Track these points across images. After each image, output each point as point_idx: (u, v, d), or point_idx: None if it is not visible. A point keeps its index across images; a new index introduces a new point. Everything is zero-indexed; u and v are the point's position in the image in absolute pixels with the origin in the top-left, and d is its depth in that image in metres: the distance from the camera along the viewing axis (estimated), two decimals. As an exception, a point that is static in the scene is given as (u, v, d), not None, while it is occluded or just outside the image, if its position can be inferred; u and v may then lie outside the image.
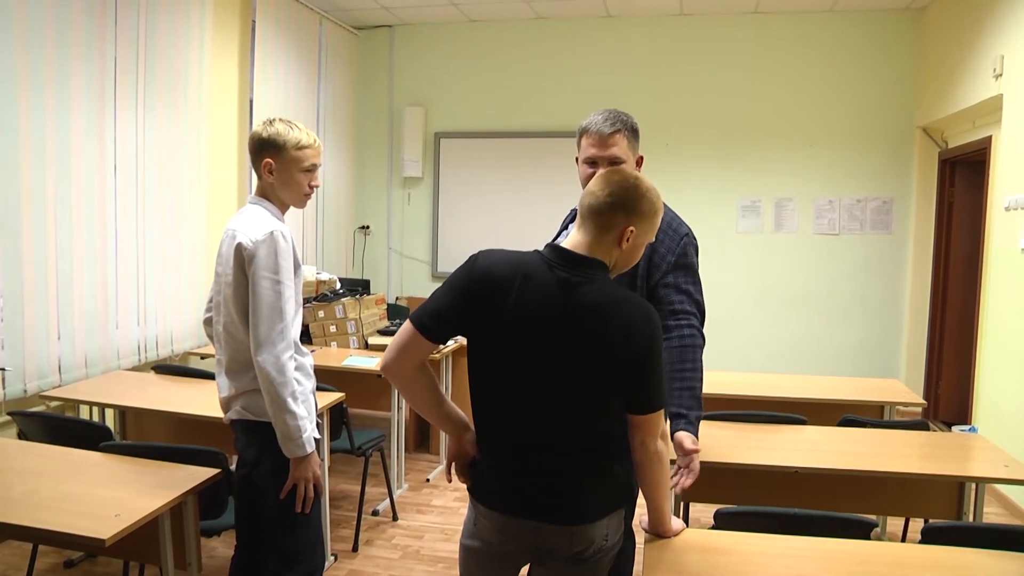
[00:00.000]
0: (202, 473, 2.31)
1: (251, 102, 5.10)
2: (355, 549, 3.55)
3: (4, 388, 3.23)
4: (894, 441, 2.85)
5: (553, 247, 1.63)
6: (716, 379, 3.86)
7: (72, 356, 3.60)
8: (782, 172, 5.99)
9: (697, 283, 2.24)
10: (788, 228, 6.04)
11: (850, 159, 5.90)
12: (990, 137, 4.71)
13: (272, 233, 2.14)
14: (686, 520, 2.94)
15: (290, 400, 2.11)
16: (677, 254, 2.22)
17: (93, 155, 3.70)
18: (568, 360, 1.57)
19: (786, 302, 6.06)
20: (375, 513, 3.98)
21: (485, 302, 1.59)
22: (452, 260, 6.38)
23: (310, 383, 2.28)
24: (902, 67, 5.77)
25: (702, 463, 2.11)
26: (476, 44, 6.43)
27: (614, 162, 2.24)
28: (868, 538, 2.07)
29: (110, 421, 3.50)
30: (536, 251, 1.65)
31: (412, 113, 6.55)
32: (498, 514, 1.67)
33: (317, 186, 2.32)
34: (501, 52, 6.38)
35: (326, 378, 3.63)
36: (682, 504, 2.89)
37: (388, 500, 4.01)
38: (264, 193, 2.27)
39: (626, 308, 1.58)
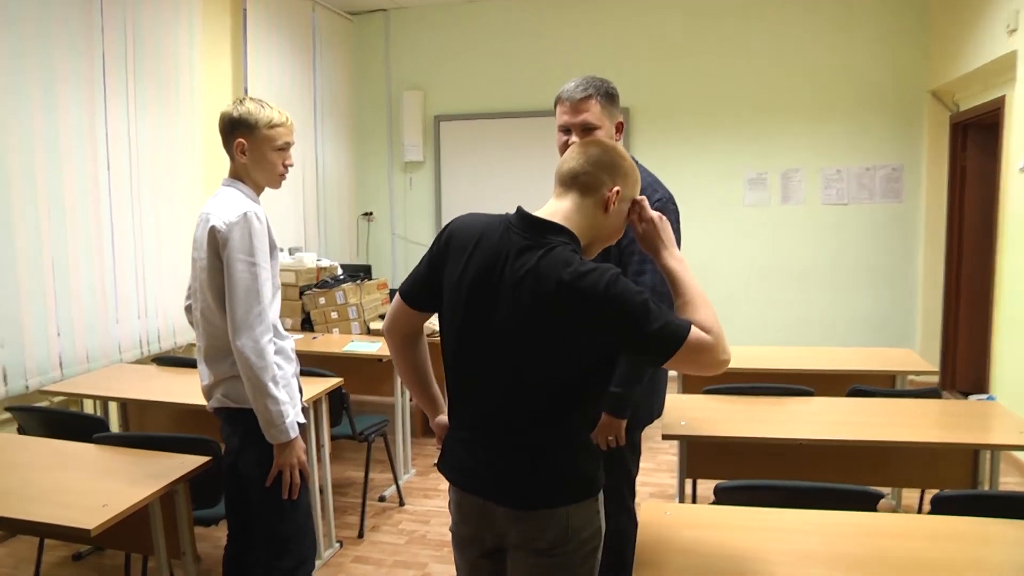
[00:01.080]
0: (192, 461, 2.28)
1: (245, 91, 5.06)
2: (361, 535, 3.52)
3: (6, 384, 3.22)
4: (905, 410, 2.77)
5: (520, 212, 1.54)
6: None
7: (73, 351, 3.59)
8: (788, 143, 5.86)
9: None
10: (795, 200, 5.92)
11: (858, 127, 5.75)
12: (1003, 97, 4.56)
13: (246, 214, 2.08)
14: (693, 499, 2.90)
15: (271, 385, 2.06)
16: None
17: (84, 149, 3.68)
18: (514, 330, 1.46)
19: (795, 275, 5.94)
20: (382, 499, 3.96)
21: (445, 267, 1.56)
22: (457, 244, 6.34)
23: (291, 367, 2.23)
24: (910, 28, 5.61)
25: (705, 437, 2.05)
26: (473, 25, 6.33)
27: (587, 128, 2.19)
28: (875, 510, 1.99)
29: (113, 414, 3.49)
30: (506, 215, 1.57)
31: (411, 97, 6.50)
32: (454, 488, 1.62)
33: (291, 165, 2.26)
34: (499, 32, 6.28)
35: (328, 364, 3.60)
36: (688, 482, 2.82)
37: (394, 486, 3.98)
38: (237, 174, 2.21)
39: (570, 269, 1.42)
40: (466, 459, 1.58)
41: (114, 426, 3.46)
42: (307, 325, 4.53)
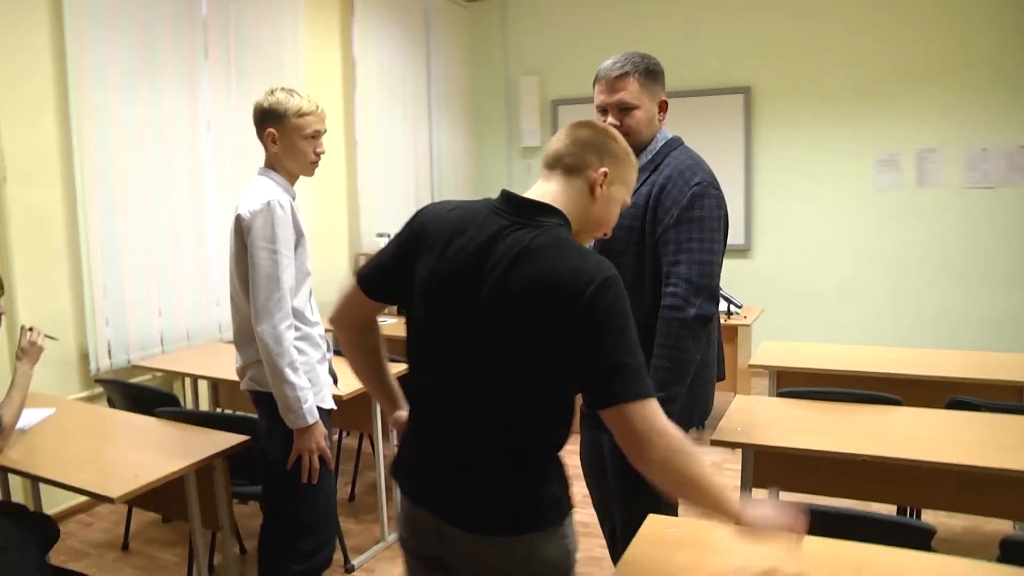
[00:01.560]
0: (232, 439, 2.38)
1: (354, 79, 5.23)
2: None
3: (110, 358, 3.54)
4: (1011, 429, 2.37)
5: (505, 193, 1.41)
6: (816, 352, 3.50)
7: (173, 330, 3.86)
8: (925, 119, 5.21)
9: (707, 239, 1.97)
10: (933, 183, 5.26)
11: (1010, 99, 5.00)
12: None
13: (269, 203, 2.13)
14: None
15: (288, 370, 2.10)
16: (683, 206, 1.97)
17: (187, 139, 3.92)
18: (491, 324, 1.31)
19: (931, 267, 5.30)
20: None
21: (417, 257, 1.41)
22: (573, 231, 6.28)
23: (318, 353, 2.26)
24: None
25: (754, 445, 1.83)
26: (589, 6, 6.16)
27: (624, 108, 2.07)
28: (929, 548, 1.71)
29: (204, 392, 3.73)
30: (488, 199, 1.45)
31: (528, 82, 6.46)
32: (405, 499, 1.47)
33: (323, 153, 2.29)
34: (614, 12, 6.06)
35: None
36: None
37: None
38: (270, 164, 2.27)
39: (557, 259, 1.29)
40: (424, 469, 1.44)
41: (204, 403, 3.71)
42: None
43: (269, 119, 2.21)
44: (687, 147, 2.14)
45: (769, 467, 2.57)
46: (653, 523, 1.76)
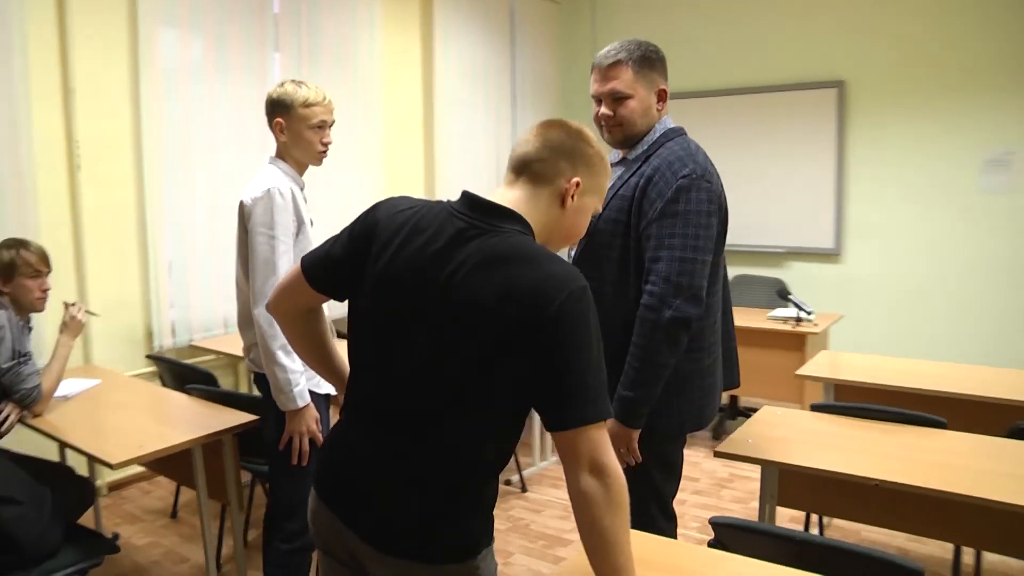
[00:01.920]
0: (242, 418, 2.48)
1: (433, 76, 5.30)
2: (468, 516, 3.55)
3: (174, 337, 3.78)
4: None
5: (466, 194, 1.32)
6: (876, 365, 3.20)
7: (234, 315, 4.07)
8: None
9: (691, 235, 1.84)
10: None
11: None
12: None
13: (269, 190, 2.20)
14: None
15: (279, 353, 2.15)
16: (667, 199, 1.85)
17: (254, 129, 4.02)
18: (444, 330, 1.23)
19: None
20: (507, 483, 3.95)
21: (368, 253, 1.34)
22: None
23: (318, 339, 2.30)
24: None
25: (761, 460, 1.69)
26: (681, 1, 5.94)
27: (617, 97, 1.99)
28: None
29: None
30: (447, 200, 1.36)
31: (618, 80, 6.32)
32: (315, 497, 1.39)
33: (330, 143, 2.33)
34: (704, 5, 5.81)
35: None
36: (766, 507, 2.42)
37: (522, 470, 3.97)
38: (279, 154, 2.34)
39: (523, 267, 1.19)
40: (341, 472, 1.35)
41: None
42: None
43: (277, 109, 2.28)
44: (686, 138, 2.02)
45: (797, 486, 2.40)
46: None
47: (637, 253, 1.92)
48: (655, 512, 2.07)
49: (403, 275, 1.28)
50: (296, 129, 2.27)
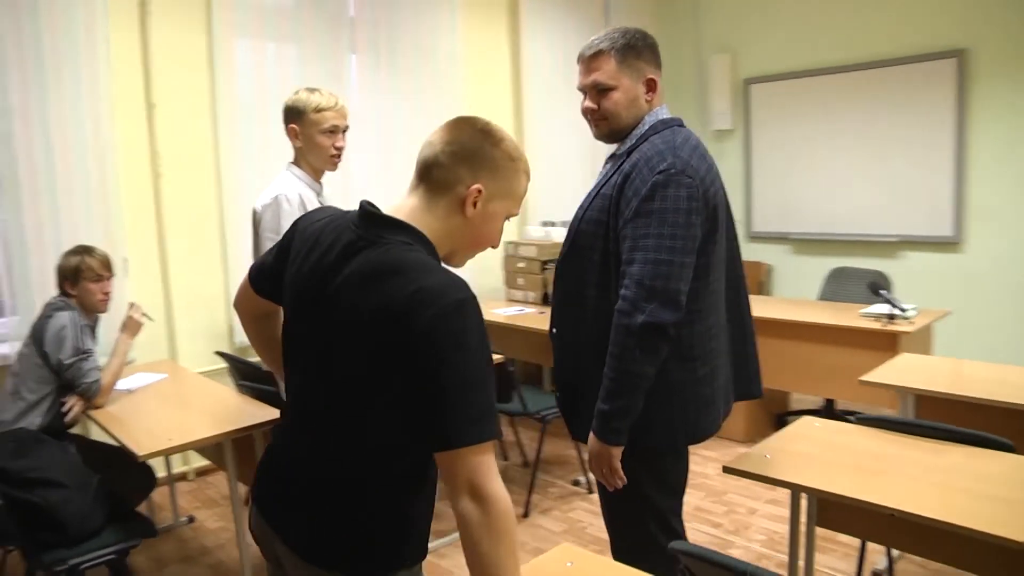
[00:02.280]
0: (271, 414, 2.59)
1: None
2: (525, 515, 3.53)
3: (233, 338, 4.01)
4: None
5: (361, 204, 1.30)
6: (963, 373, 2.84)
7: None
8: None
9: (667, 235, 1.72)
10: None
11: None
12: None
13: (276, 197, 2.28)
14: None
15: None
16: (642, 196, 1.73)
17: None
18: (330, 348, 1.24)
19: None
20: (576, 483, 3.89)
21: (287, 261, 1.38)
22: (766, 219, 5.80)
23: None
24: None
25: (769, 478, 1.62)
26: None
27: (600, 88, 1.88)
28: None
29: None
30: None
31: (719, 61, 6.02)
32: (252, 500, 1.40)
33: (342, 147, 2.37)
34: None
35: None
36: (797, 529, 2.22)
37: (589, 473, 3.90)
38: (296, 159, 2.41)
39: (396, 281, 1.16)
40: (271, 477, 1.38)
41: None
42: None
43: (291, 116, 2.36)
44: (674, 130, 1.87)
45: (836, 509, 2.17)
46: (557, 554, 1.60)
47: (618, 255, 1.82)
48: (655, 530, 1.96)
49: (303, 287, 1.31)
50: (309, 134, 2.34)
